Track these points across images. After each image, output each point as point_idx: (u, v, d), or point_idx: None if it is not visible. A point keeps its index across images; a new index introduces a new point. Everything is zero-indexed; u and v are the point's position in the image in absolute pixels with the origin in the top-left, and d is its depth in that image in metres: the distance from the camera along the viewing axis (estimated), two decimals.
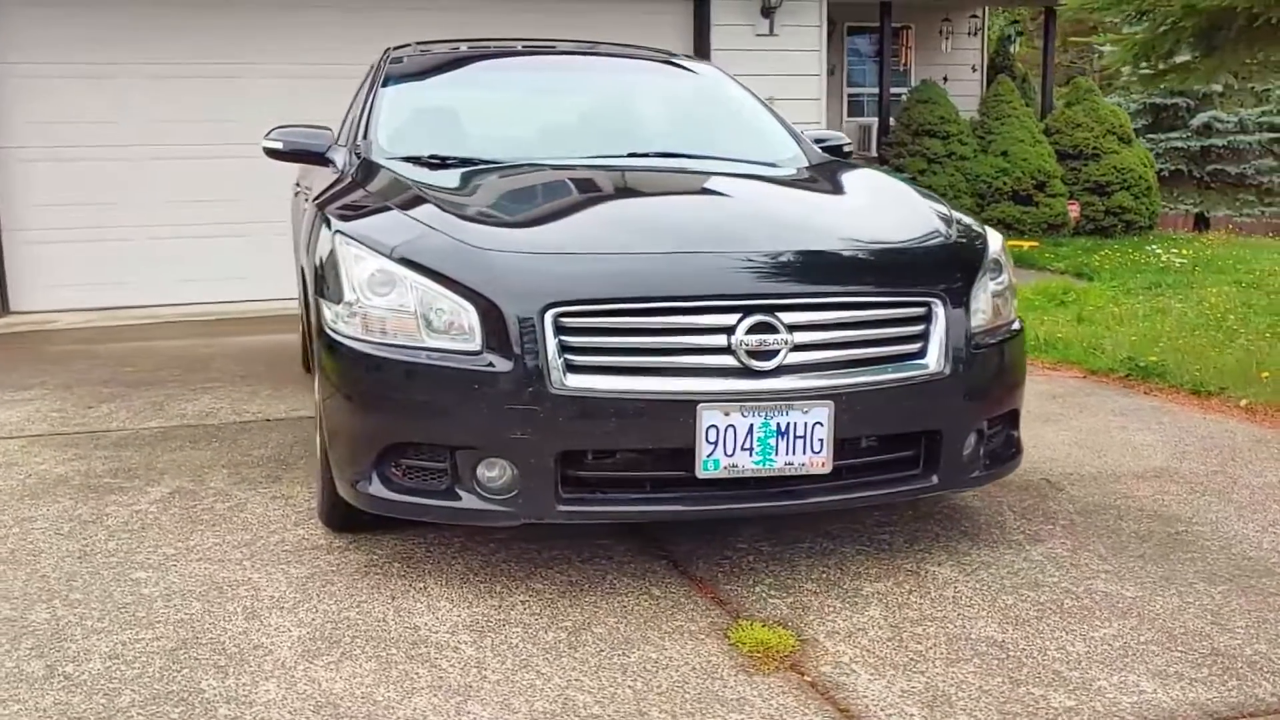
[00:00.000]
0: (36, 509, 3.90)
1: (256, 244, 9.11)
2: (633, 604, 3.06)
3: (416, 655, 2.75)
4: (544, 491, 2.94)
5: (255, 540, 3.56)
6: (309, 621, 2.94)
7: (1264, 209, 16.83)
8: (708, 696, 2.55)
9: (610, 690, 2.57)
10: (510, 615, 2.98)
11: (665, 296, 2.95)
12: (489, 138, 4.26)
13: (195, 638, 2.85)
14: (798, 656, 2.75)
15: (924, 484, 3.21)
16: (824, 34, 10.14)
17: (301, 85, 9.17)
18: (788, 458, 2.97)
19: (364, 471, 3.10)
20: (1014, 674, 2.66)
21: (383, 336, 3.07)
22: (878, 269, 3.22)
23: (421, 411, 3.00)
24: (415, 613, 3.00)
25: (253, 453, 4.63)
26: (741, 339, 2.94)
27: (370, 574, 3.26)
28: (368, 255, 3.13)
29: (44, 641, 2.83)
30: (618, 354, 2.94)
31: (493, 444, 2.93)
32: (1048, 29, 14.07)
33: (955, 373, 3.16)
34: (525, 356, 2.88)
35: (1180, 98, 17.16)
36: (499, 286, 2.93)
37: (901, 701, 2.53)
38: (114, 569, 3.32)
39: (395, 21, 9.30)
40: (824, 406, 2.97)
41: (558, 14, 9.54)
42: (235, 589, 3.16)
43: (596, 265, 3.02)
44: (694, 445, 2.92)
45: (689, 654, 2.76)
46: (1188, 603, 3.08)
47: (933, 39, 13.97)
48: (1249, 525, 3.71)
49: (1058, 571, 3.29)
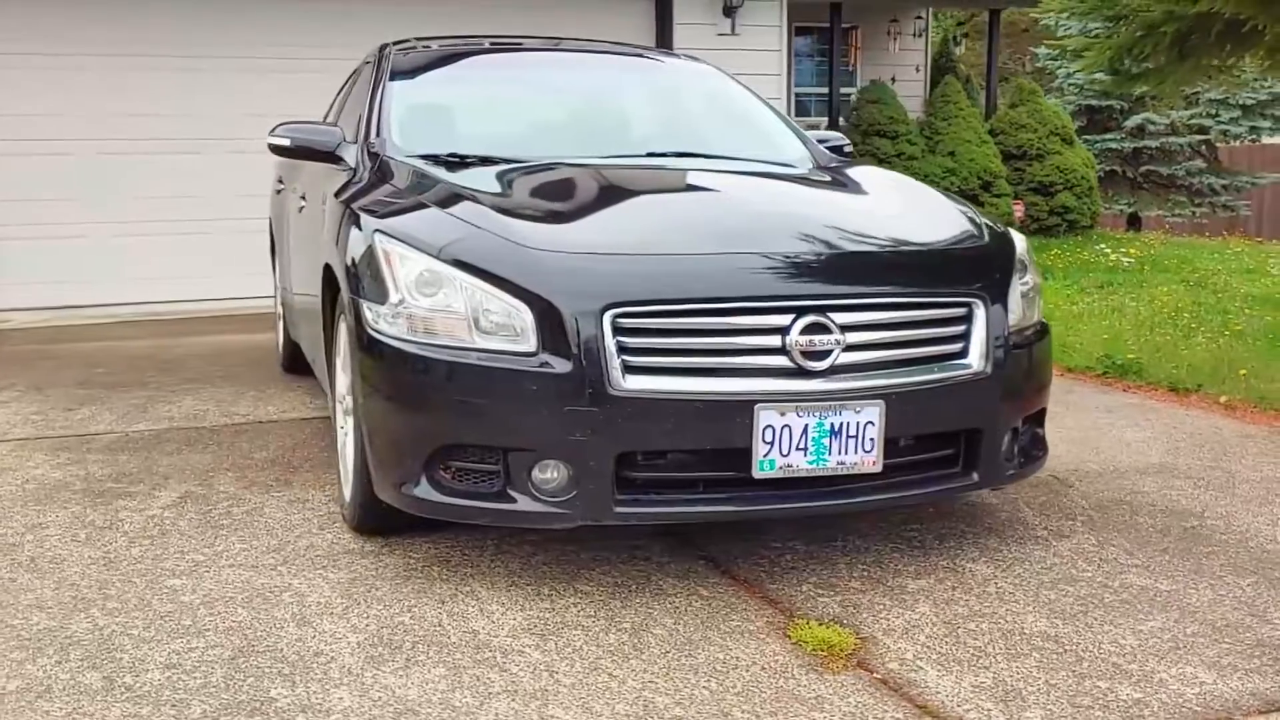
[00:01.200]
0: (45, 515, 3.80)
1: (218, 242, 8.96)
2: (684, 605, 3.06)
3: (483, 660, 2.72)
4: (601, 493, 2.93)
5: (283, 545, 3.50)
6: (363, 627, 2.90)
7: (1194, 209, 17.27)
8: (785, 695, 2.56)
9: (687, 691, 2.58)
10: (566, 618, 2.97)
11: (722, 297, 2.96)
12: (503, 136, 4.23)
13: (250, 645, 2.79)
14: (862, 654, 2.78)
15: (965, 482, 3.25)
16: (784, 34, 10.22)
17: (263, 79, 9.04)
18: (840, 457, 3.00)
19: (411, 474, 3.06)
20: (1075, 668, 2.71)
21: (430, 337, 3.04)
22: (922, 269, 3.26)
23: (475, 413, 2.97)
24: (469, 617, 2.97)
25: (254, 456, 4.55)
26: (796, 339, 2.96)
27: (411, 578, 3.23)
28: (414, 255, 3.09)
29: (93, 652, 2.76)
30: (674, 354, 2.94)
31: (550, 446, 2.92)
32: (992, 31, 14.31)
33: (995, 372, 3.21)
34: (585, 358, 2.87)
35: (1114, 100, 17.54)
36: (558, 287, 2.92)
37: (975, 697, 2.57)
38: (145, 576, 3.25)
39: (356, 15, 9.19)
40: (875, 406, 3.00)
41: (518, 10, 9.49)
42: (277, 595, 3.11)
43: (655, 266, 3.02)
44: (750, 445, 2.93)
45: (755, 654, 2.77)
46: (1221, 595, 3.16)
47: (880, 39, 14.13)
48: (1259, 519, 3.82)
49: (1089, 566, 3.36)
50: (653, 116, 4.61)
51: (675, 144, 4.29)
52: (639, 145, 4.23)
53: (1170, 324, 7.91)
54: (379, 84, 4.38)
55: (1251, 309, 8.76)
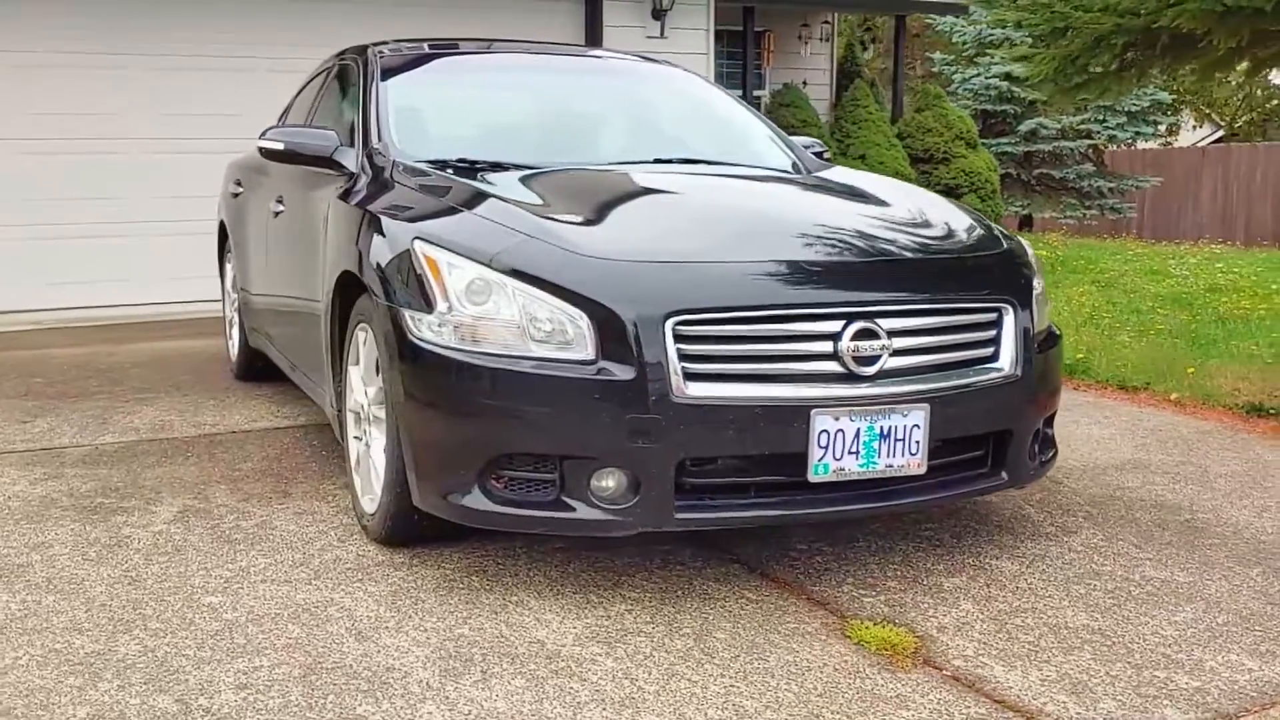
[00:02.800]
0: (42, 533, 3.66)
1: (140, 245, 8.71)
2: (735, 608, 3.09)
3: (560, 669, 2.72)
4: (663, 500, 2.94)
5: (308, 560, 3.43)
6: (425, 641, 2.87)
7: (1084, 211, 17.92)
8: (867, 696, 2.61)
9: (771, 695, 2.61)
10: (625, 624, 2.97)
11: (778, 304, 3.00)
12: (504, 141, 4.22)
13: (317, 663, 2.74)
14: (925, 653, 2.84)
15: (997, 481, 3.35)
16: (711, 37, 10.32)
17: (186, 78, 8.80)
18: (888, 460, 3.06)
19: (463, 484, 3.04)
20: (1129, 659, 2.82)
21: (482, 345, 3.02)
22: (958, 275, 3.35)
23: (534, 422, 2.96)
24: (527, 626, 2.96)
25: (240, 467, 4.44)
26: (848, 345, 3.02)
27: (454, 590, 3.20)
28: (463, 263, 3.07)
29: (154, 674, 2.68)
30: (732, 361, 2.98)
31: (612, 453, 2.92)
32: (898, 36, 14.64)
33: (1024, 374, 3.32)
34: (648, 365, 2.88)
35: (1008, 105, 18.10)
36: (619, 296, 2.92)
37: (1046, 690, 2.65)
38: (176, 594, 3.16)
39: (291, 12, 9.02)
40: (921, 409, 3.08)
41: (450, 9, 9.40)
42: (323, 610, 3.05)
43: (713, 274, 3.04)
44: (806, 450, 2.98)
45: (822, 655, 2.82)
46: (1236, 586, 3.32)
47: (792, 43, 14.33)
48: (1244, 511, 4.01)
49: (1106, 561, 3.49)
50: (651, 122, 4.64)
51: (677, 150, 4.32)
52: (643, 151, 4.25)
53: (1092, 324, 8.23)
54: (370, 87, 4.31)
55: (1163, 309, 9.16)
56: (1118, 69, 6.22)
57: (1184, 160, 20.77)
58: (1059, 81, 6.47)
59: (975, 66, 19.09)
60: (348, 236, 3.65)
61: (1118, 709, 2.57)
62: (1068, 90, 6.53)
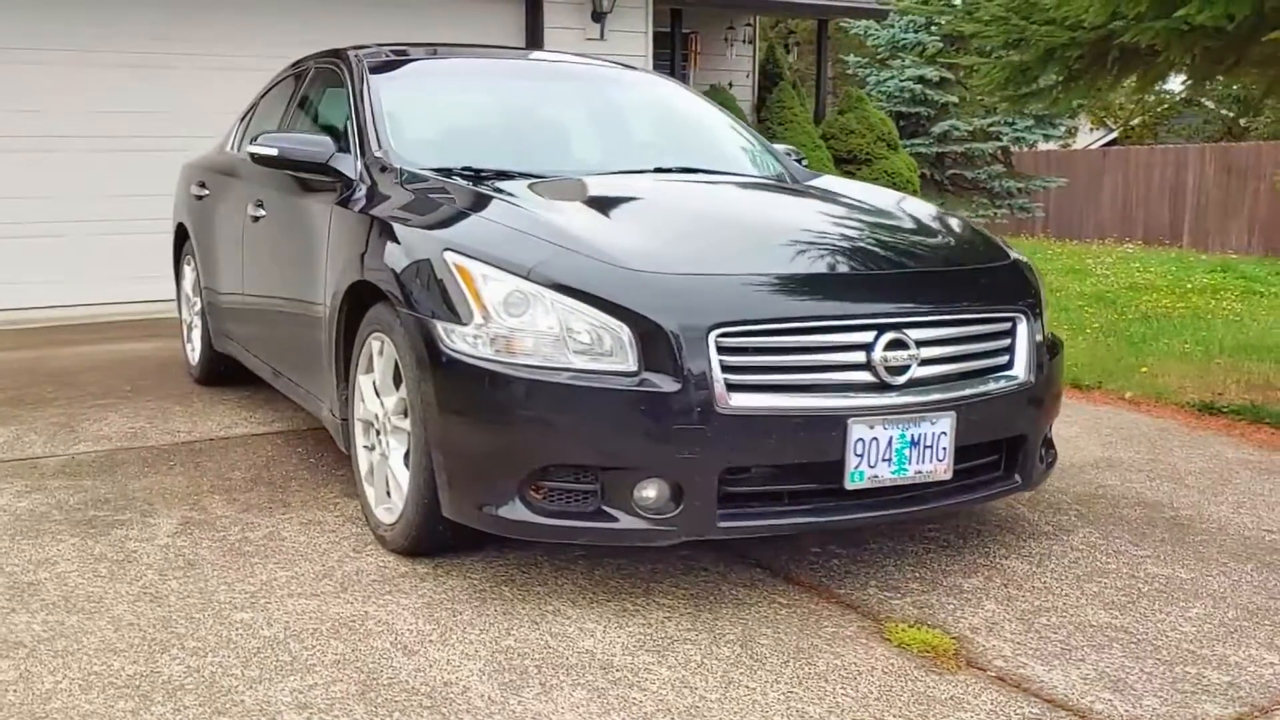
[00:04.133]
0: (44, 549, 3.56)
1: (75, 245, 8.47)
2: (770, 614, 3.14)
3: (618, 679, 2.74)
4: (706, 509, 2.98)
5: (330, 572, 3.39)
6: (474, 654, 2.86)
7: (995, 210, 18.38)
8: (923, 699, 2.68)
9: (832, 700, 2.66)
10: (668, 633, 3.00)
11: (817, 316, 3.06)
12: (506, 149, 4.21)
13: (372, 679, 2.72)
14: (965, 654, 2.92)
15: (1012, 484, 3.46)
16: (649, 39, 10.37)
17: (121, 74, 8.56)
18: (918, 466, 3.14)
19: (503, 495, 3.04)
20: (1157, 656, 2.94)
21: (522, 357, 3.02)
22: (977, 286, 3.44)
23: (576, 433, 2.97)
24: (571, 636, 2.97)
25: (229, 476, 4.36)
26: (881, 355, 3.09)
27: (487, 600, 3.19)
28: (500, 275, 3.06)
29: (207, 697, 2.63)
30: (771, 372, 3.02)
31: (657, 464, 2.95)
32: (821, 39, 14.85)
33: (1036, 381, 3.43)
34: (693, 377, 2.91)
35: (922, 107, 18.49)
36: (663, 308, 2.95)
37: (1089, 688, 2.75)
38: (204, 610, 3.10)
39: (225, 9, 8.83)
40: (948, 417, 3.16)
41: (392, 8, 9.30)
42: (360, 624, 3.03)
43: (753, 286, 3.09)
44: (843, 458, 3.04)
45: (868, 659, 2.88)
46: (1236, 581, 3.47)
47: (718, 45, 14.45)
48: (1222, 508, 4.18)
49: (1109, 559, 3.62)
50: (644, 130, 4.66)
51: (674, 158, 4.35)
52: (642, 160, 4.28)
53: None
54: (362, 93, 4.25)
55: (1090, 308, 9.48)
56: (1065, 79, 6.41)
57: (1086, 162, 21.44)
58: (1009, 90, 6.65)
59: (888, 69, 19.47)
60: (358, 245, 3.61)
61: (1161, 705, 2.68)
62: (1017, 99, 6.71)
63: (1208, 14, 4.44)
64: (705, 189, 4.01)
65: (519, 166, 3.97)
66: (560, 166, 4.03)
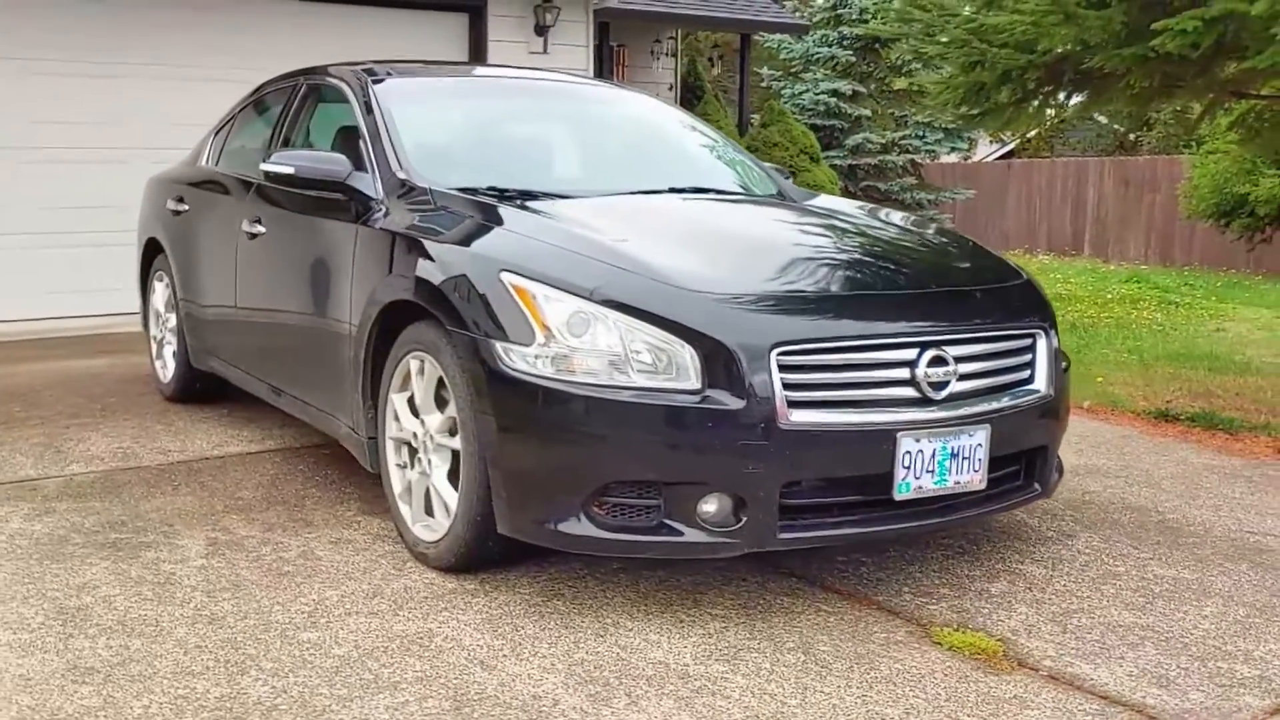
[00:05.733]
0: (77, 573, 3.52)
1: (13, 258, 8.26)
2: (820, 621, 3.27)
3: (699, 688, 2.83)
4: (767, 521, 3.09)
5: (379, 590, 3.42)
6: (551, 667, 2.93)
7: None
8: (989, 699, 2.83)
9: (906, 702, 2.80)
10: (730, 642, 3.11)
11: (870, 335, 3.21)
12: (526, 169, 4.27)
13: (460, 694, 2.77)
14: (1014, 655, 3.08)
15: (1032, 493, 3.64)
16: (590, 53, 10.46)
17: (62, 84, 8.39)
18: (957, 477, 3.30)
19: (567, 511, 3.11)
20: (1188, 652, 3.13)
21: (585, 376, 3.10)
22: (1003, 304, 3.62)
23: (642, 450, 3.06)
24: (638, 648, 3.06)
25: (238, 496, 4.35)
26: (924, 371, 3.24)
27: (544, 614, 3.26)
28: (561, 295, 3.14)
29: (302, 715, 2.66)
30: (826, 389, 3.15)
31: (722, 479, 3.06)
32: (744, 53, 15.11)
33: (1055, 394, 3.62)
34: (757, 394, 3.03)
35: (836, 120, 18.89)
36: (727, 327, 3.06)
37: (1136, 684, 2.93)
38: (268, 631, 3.11)
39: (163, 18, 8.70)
40: (984, 429, 3.33)
41: (334, 19, 9.25)
42: (429, 640, 3.07)
43: (810, 306, 3.22)
44: (892, 470, 3.18)
45: (926, 662, 3.02)
46: (1237, 581, 3.69)
47: (644, 59, 14.61)
48: (1204, 510, 4.44)
49: (1116, 562, 3.82)
50: (651, 151, 4.76)
51: (684, 179, 4.46)
52: (655, 180, 4.37)
53: None
54: (374, 112, 4.27)
55: None
56: (1019, 99, 6.68)
57: (991, 174, 22.11)
58: (964, 109, 6.90)
59: (802, 82, 19.85)
60: (394, 265, 3.65)
61: (1205, 699, 2.87)
62: (972, 118, 6.97)
63: (1176, 42, 4.71)
64: (731, 209, 4.13)
65: (540, 186, 4.05)
66: (578, 186, 4.11)
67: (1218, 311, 11.16)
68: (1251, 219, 13.18)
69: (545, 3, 9.89)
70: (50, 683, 2.80)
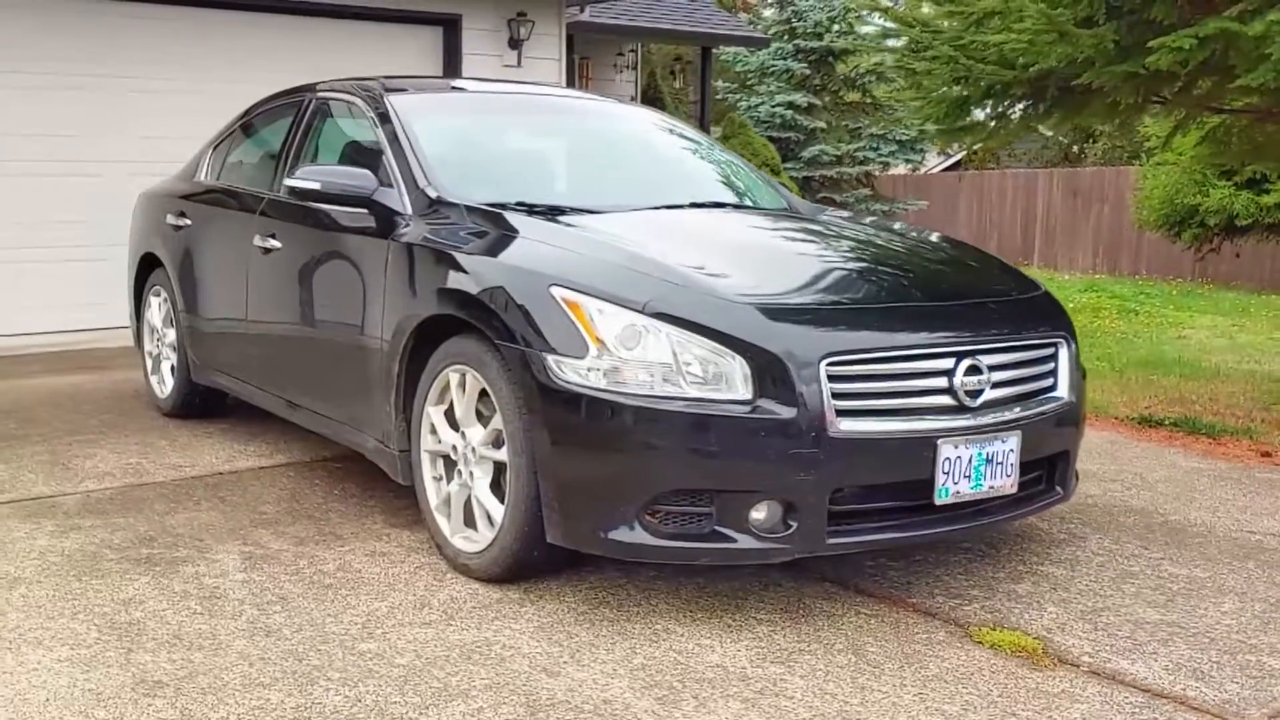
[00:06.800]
0: (119, 589, 3.53)
1: None
2: (861, 623, 3.37)
3: (762, 689, 2.91)
4: (817, 527, 3.19)
5: (426, 601, 3.47)
6: (614, 672, 3.00)
7: None
8: (1039, 694, 2.94)
9: (962, 699, 2.90)
10: (781, 645, 3.19)
11: (913, 345, 3.32)
12: (549, 185, 4.35)
13: (533, 701, 2.83)
14: (1054, 652, 3.20)
15: (1055, 497, 3.77)
16: (563, 66, 10.55)
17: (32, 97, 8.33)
18: (991, 482, 3.42)
19: (621, 520, 3.18)
20: (1215, 647, 3.27)
21: (635, 388, 3.17)
22: (1028, 314, 3.76)
23: (697, 459, 3.14)
24: (693, 652, 3.13)
25: (261, 510, 4.36)
26: (961, 380, 3.36)
27: (595, 622, 3.33)
28: (613, 309, 3.22)
29: None
30: (871, 398, 3.26)
31: (774, 486, 3.15)
32: (705, 66, 15.26)
33: (1076, 400, 3.75)
34: (807, 404, 3.12)
35: (791, 132, 19.15)
36: (779, 339, 3.15)
37: (1174, 677, 3.06)
38: (328, 643, 3.15)
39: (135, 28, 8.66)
40: (1015, 435, 3.45)
41: (307, 31, 9.25)
42: (488, 649, 3.13)
43: (855, 318, 3.33)
44: (932, 476, 3.29)
45: (972, 661, 3.13)
46: (1248, 579, 3.85)
47: (607, 71, 14.74)
48: (1201, 512, 4.60)
49: (1130, 562, 3.97)
50: (665, 165, 4.85)
51: (701, 193, 4.56)
52: (675, 194, 4.46)
53: None
54: (395, 128, 4.32)
55: None
56: (1000, 114, 6.87)
57: (942, 185, 22.48)
58: (945, 124, 7.07)
59: (757, 95, 20.09)
60: (433, 280, 3.70)
61: (1242, 690, 3.00)
62: (953, 132, 7.14)
63: (1168, 60, 4.89)
64: (756, 223, 4.23)
65: (564, 201, 4.12)
66: (602, 201, 4.18)
67: (1176, 319, 11.48)
68: (1202, 229, 13.54)
69: (519, 16, 9.96)
70: (122, 696, 2.82)
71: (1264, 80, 4.50)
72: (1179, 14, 5.09)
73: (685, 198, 4.43)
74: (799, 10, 19.53)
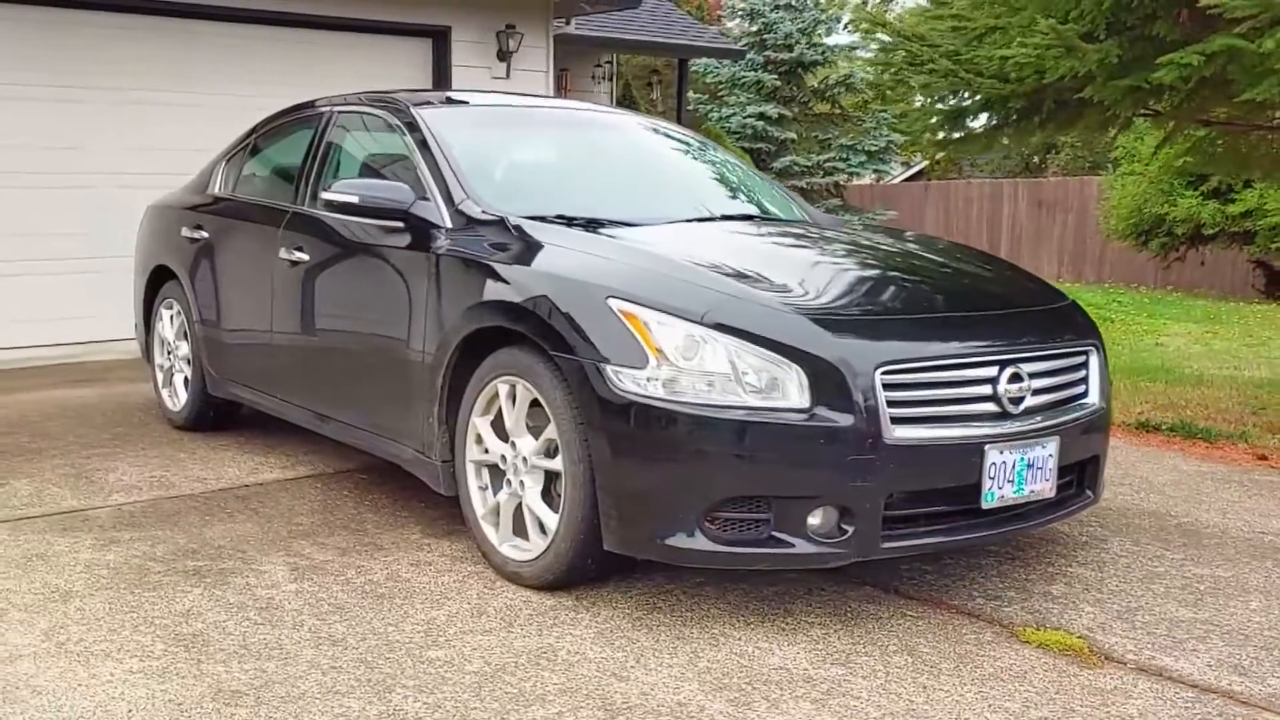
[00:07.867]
0: (172, 601, 3.56)
1: None
2: (911, 625, 3.46)
3: (829, 690, 3.00)
4: (872, 531, 3.28)
5: (482, 609, 3.52)
6: (682, 675, 3.07)
7: None
8: (1093, 691, 3.05)
9: (1021, 696, 3.00)
10: (837, 647, 3.28)
11: (962, 354, 3.42)
12: (585, 197, 4.41)
13: (609, 705, 2.89)
14: (1099, 651, 3.31)
15: (1087, 500, 3.89)
16: (551, 79, 10.62)
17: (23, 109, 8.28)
18: (1032, 486, 3.53)
19: (681, 527, 3.26)
20: (1250, 644, 3.39)
21: (694, 397, 3.25)
22: (1061, 322, 3.88)
23: (756, 467, 3.22)
24: (754, 655, 3.21)
25: (297, 522, 4.39)
26: (1004, 388, 3.46)
27: (652, 627, 3.39)
28: (672, 320, 3.29)
29: None
30: (922, 405, 3.35)
31: (831, 492, 3.24)
32: (681, 77, 15.39)
33: (1105, 406, 3.88)
34: (864, 412, 3.22)
35: (763, 143, 19.33)
36: (835, 348, 3.24)
37: (1217, 673, 3.18)
38: (395, 650, 3.20)
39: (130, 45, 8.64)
40: (1054, 440, 3.56)
41: (296, 42, 9.26)
42: (553, 655, 3.19)
43: (907, 328, 3.43)
44: (979, 480, 3.39)
45: (1023, 659, 3.23)
46: (1268, 577, 3.98)
47: (585, 83, 14.81)
48: (1212, 514, 4.74)
49: (1154, 563, 4.09)
50: (691, 178, 4.93)
51: (729, 205, 4.65)
52: (706, 207, 4.55)
53: None
54: (431, 141, 4.37)
55: None
56: (996, 127, 7.02)
57: (909, 195, 22.76)
58: (941, 135, 7.22)
59: (728, 105, 20.26)
60: (481, 292, 3.76)
61: None
62: (947, 144, 7.29)
63: (1173, 75, 5.04)
64: (791, 235, 4.33)
65: (601, 214, 4.18)
66: (637, 214, 4.24)
67: (1151, 327, 11.72)
68: (1169, 238, 13.83)
69: (508, 29, 10.02)
70: (203, 706, 2.85)
71: (1268, 95, 4.66)
72: (1181, 30, 5.24)
73: (714, 210, 4.53)
74: (769, 22, 19.72)
